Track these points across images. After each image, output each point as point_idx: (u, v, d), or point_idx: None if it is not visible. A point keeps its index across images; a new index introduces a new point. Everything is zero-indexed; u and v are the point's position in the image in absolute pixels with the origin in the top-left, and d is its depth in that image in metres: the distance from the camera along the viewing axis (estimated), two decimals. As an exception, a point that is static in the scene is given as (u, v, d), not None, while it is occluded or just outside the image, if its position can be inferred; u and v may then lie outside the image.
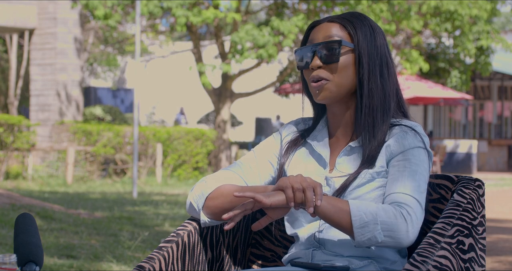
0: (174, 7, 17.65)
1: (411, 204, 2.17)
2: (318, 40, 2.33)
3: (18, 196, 9.84)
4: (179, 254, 2.34)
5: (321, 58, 2.30)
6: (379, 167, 2.28)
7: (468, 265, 2.26)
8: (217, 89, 19.88)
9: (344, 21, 2.34)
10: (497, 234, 8.81)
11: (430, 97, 21.66)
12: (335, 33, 2.32)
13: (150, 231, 7.87)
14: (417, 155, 2.26)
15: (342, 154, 2.34)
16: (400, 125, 2.31)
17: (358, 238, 2.13)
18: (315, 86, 2.31)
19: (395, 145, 2.28)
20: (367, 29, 2.33)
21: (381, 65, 2.33)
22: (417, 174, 2.24)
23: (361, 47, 2.31)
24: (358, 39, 2.32)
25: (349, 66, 2.31)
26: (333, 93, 2.31)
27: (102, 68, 31.84)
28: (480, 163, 26.21)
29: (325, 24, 2.35)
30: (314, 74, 2.31)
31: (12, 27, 19.37)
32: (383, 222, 2.13)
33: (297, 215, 2.37)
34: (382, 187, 2.28)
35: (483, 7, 19.44)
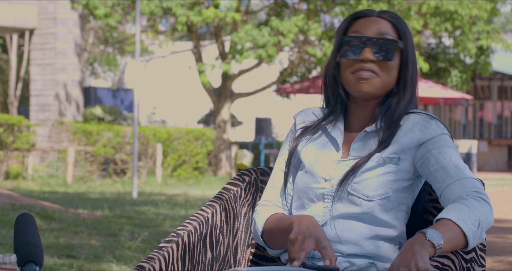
0: (174, 7, 17.65)
1: (480, 185, 2.23)
2: (369, 33, 2.33)
3: (18, 196, 9.84)
4: (179, 254, 2.34)
5: (375, 53, 2.31)
6: (392, 152, 2.29)
7: (469, 265, 2.26)
8: (217, 89, 19.88)
9: (394, 20, 2.35)
10: (497, 234, 8.81)
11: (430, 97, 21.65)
12: (388, 31, 2.34)
13: (150, 231, 7.87)
14: (449, 140, 2.32)
15: (357, 139, 2.35)
16: (418, 113, 2.33)
17: (471, 246, 2.15)
18: (363, 76, 2.31)
19: (420, 133, 2.30)
20: (409, 34, 2.37)
21: (415, 67, 2.38)
22: (459, 157, 2.29)
23: (409, 50, 2.35)
24: (407, 41, 2.35)
25: (396, 67, 2.34)
26: (376, 90, 2.33)
27: (102, 68, 31.84)
28: (480, 163, 26.21)
29: (376, 18, 2.35)
30: (364, 66, 2.31)
31: (12, 27, 19.36)
32: (484, 221, 2.16)
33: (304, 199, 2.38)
34: (393, 173, 2.28)
35: (483, 7, 19.43)
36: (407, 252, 2.04)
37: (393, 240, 2.31)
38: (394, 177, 2.28)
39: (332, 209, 2.31)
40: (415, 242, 2.06)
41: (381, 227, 2.29)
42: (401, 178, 2.29)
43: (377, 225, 2.29)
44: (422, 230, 2.08)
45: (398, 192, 2.29)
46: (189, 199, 12.46)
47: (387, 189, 2.27)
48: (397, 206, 2.30)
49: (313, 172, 2.35)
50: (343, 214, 2.30)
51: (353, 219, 2.29)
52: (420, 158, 2.28)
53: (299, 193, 2.39)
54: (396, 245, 2.32)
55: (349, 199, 2.29)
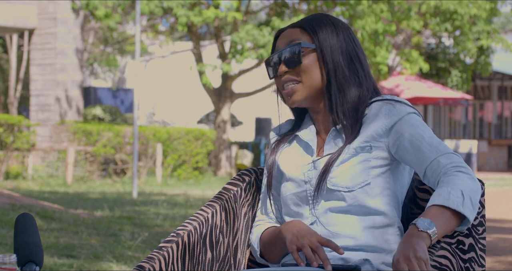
0: (175, 7, 17.65)
1: (458, 158, 2.24)
2: (282, 46, 2.39)
3: (18, 196, 9.84)
4: (179, 254, 2.34)
5: (286, 63, 2.36)
6: (362, 141, 2.30)
7: (468, 265, 2.26)
8: (217, 89, 19.88)
9: (304, 23, 2.39)
10: (497, 234, 8.81)
11: (430, 97, 21.67)
12: (296, 37, 2.38)
13: (150, 231, 7.87)
14: (416, 119, 2.30)
15: (328, 138, 2.37)
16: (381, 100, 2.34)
17: (469, 216, 2.14)
18: (286, 93, 2.37)
19: (386, 118, 2.31)
20: (327, 27, 2.38)
21: (349, 59, 2.37)
22: (430, 133, 2.29)
23: (322, 45, 2.35)
24: (318, 38, 2.36)
25: (314, 65, 2.35)
26: (304, 95, 2.36)
27: (102, 68, 31.84)
28: (480, 163, 26.21)
29: (287, 30, 2.42)
30: (284, 79, 2.37)
31: (12, 27, 19.36)
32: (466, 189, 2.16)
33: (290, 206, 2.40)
34: (367, 161, 2.29)
35: (482, 7, 19.44)
36: (405, 246, 2.07)
37: (389, 226, 2.31)
38: (370, 164, 2.30)
39: (318, 208, 2.33)
40: (409, 236, 2.08)
41: (371, 216, 2.30)
42: (378, 164, 2.31)
43: (366, 214, 2.30)
44: (413, 222, 2.10)
45: (378, 178, 2.30)
46: (189, 199, 12.46)
47: (365, 176, 2.29)
48: (382, 191, 2.30)
49: (293, 177, 2.39)
50: (330, 210, 2.31)
51: (341, 213, 2.31)
52: (393, 143, 2.30)
53: (285, 201, 2.41)
54: (395, 231, 2.32)
55: (331, 194, 2.31)
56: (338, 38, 2.37)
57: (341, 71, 2.35)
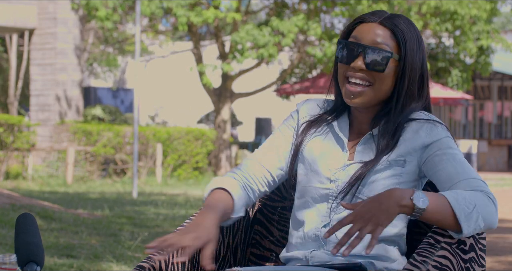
0: (175, 7, 17.65)
1: (485, 186, 2.21)
2: (365, 40, 2.29)
3: (18, 196, 9.84)
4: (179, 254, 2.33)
5: (367, 63, 2.27)
6: (398, 155, 2.28)
7: (468, 265, 2.26)
8: (217, 89, 19.88)
9: (396, 29, 2.29)
10: (497, 234, 8.81)
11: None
12: (384, 40, 2.29)
13: (150, 231, 7.87)
14: (453, 143, 2.28)
15: (362, 141, 2.33)
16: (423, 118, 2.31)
17: (465, 231, 2.12)
18: (351, 91, 2.29)
19: (426, 135, 2.28)
20: (414, 42, 2.31)
21: (421, 78, 2.33)
22: (463, 159, 2.26)
23: (407, 61, 2.29)
24: (406, 52, 2.29)
25: (390, 77, 2.29)
26: (369, 99, 2.30)
27: (102, 68, 31.83)
28: (480, 163, 26.21)
29: (375, 25, 2.31)
30: (354, 74, 2.29)
31: (12, 27, 19.36)
32: (481, 209, 2.14)
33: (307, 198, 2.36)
34: (398, 176, 2.28)
35: (483, 7, 19.43)
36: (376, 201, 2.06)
37: (392, 241, 2.31)
38: (400, 179, 2.28)
39: (336, 211, 2.31)
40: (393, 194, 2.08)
41: None
42: (407, 180, 2.29)
43: None
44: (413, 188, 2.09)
45: None
46: (189, 199, 12.46)
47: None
48: None
49: (318, 171, 2.34)
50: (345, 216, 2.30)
51: None
52: (425, 159, 2.28)
53: (303, 191, 2.37)
54: (395, 247, 2.32)
55: (353, 201, 2.29)
56: (419, 56, 2.32)
57: (411, 89, 2.31)
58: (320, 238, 2.32)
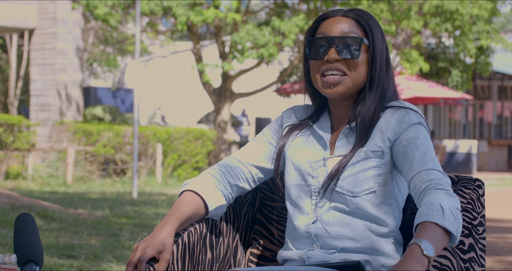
0: (175, 7, 17.65)
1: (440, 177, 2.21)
2: (333, 33, 2.33)
3: (18, 196, 9.83)
4: (179, 254, 2.34)
5: (339, 52, 2.32)
6: (375, 146, 2.30)
7: (468, 265, 2.26)
8: (217, 89, 19.88)
9: (360, 19, 2.36)
10: (497, 234, 8.81)
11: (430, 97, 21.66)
12: (352, 29, 2.34)
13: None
14: (422, 130, 2.30)
15: (341, 136, 2.36)
16: (396, 106, 2.34)
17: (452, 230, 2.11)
18: (329, 81, 2.32)
19: (397, 124, 2.30)
20: (377, 28, 2.38)
21: (386, 62, 2.38)
22: (427, 148, 2.27)
23: (375, 47, 2.35)
24: (373, 38, 2.35)
25: (364, 63, 2.34)
26: (348, 89, 2.33)
27: (102, 69, 31.83)
28: (480, 163, 26.20)
29: (339, 18, 2.36)
30: (330, 66, 2.32)
31: (12, 27, 19.36)
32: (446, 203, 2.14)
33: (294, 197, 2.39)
34: (377, 167, 2.30)
35: (484, 7, 19.43)
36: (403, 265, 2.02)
37: (386, 235, 2.31)
38: (379, 171, 2.29)
39: (320, 205, 2.32)
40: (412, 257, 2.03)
41: (371, 222, 2.30)
42: (386, 171, 2.31)
43: (367, 219, 2.30)
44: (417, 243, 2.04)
45: (384, 186, 2.30)
46: (189, 199, 12.44)
47: (372, 184, 2.29)
48: (385, 199, 2.30)
49: (301, 169, 2.38)
50: (332, 211, 2.32)
51: (342, 215, 2.31)
52: (393, 148, 2.30)
53: (289, 191, 2.41)
54: (391, 239, 2.32)
55: (336, 196, 2.31)
56: (383, 41, 2.38)
57: (382, 74, 2.36)
58: (312, 235, 2.33)
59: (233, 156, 2.47)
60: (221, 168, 2.44)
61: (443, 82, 22.79)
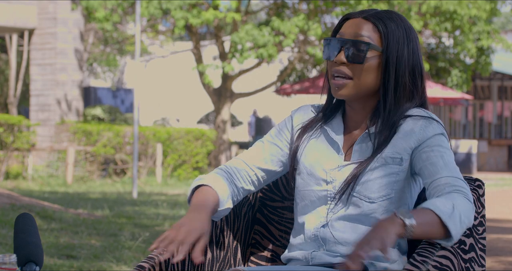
0: (173, 9, 17.64)
1: (465, 186, 2.20)
2: (348, 35, 2.30)
3: (18, 196, 9.83)
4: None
5: (347, 56, 2.28)
6: (393, 152, 2.27)
7: (468, 265, 2.25)
8: (217, 89, 19.88)
9: (378, 22, 2.30)
10: (497, 234, 8.81)
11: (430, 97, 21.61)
12: (365, 33, 2.29)
13: (150, 231, 7.87)
14: (445, 141, 2.28)
15: (359, 140, 2.33)
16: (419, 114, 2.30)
17: (453, 230, 2.11)
18: (335, 83, 2.30)
19: (420, 133, 2.27)
20: (400, 34, 2.30)
21: (408, 69, 2.31)
22: (451, 157, 2.26)
23: (390, 53, 2.28)
24: (388, 43, 2.29)
25: (374, 69, 2.29)
26: (352, 93, 2.30)
27: (102, 69, 31.83)
28: (480, 163, 26.20)
29: (358, 19, 2.32)
30: (337, 69, 2.30)
31: (12, 27, 19.36)
32: (460, 207, 2.13)
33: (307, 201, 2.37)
34: (395, 174, 2.28)
35: (482, 7, 19.43)
36: (374, 229, 2.04)
37: None
38: (397, 178, 2.28)
39: (334, 210, 2.31)
40: (384, 220, 2.06)
41: None
42: (403, 178, 2.29)
43: None
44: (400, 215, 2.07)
45: (400, 193, 2.29)
46: (189, 199, 12.44)
47: (389, 190, 2.27)
48: (399, 206, 2.30)
49: (315, 174, 2.35)
50: (344, 216, 2.30)
51: (354, 221, 2.30)
52: (415, 154, 2.28)
53: (302, 195, 2.38)
54: (395, 247, 2.32)
55: (352, 201, 2.29)
56: (408, 48, 2.30)
57: (401, 82, 2.29)
58: (319, 238, 2.32)
59: (240, 157, 2.44)
60: (229, 169, 2.42)
61: (443, 82, 22.79)
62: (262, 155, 2.43)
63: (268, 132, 2.48)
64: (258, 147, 2.45)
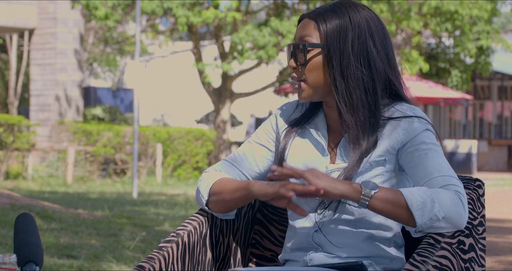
0: (175, 7, 17.65)
1: (457, 183, 2.17)
2: (296, 38, 2.31)
3: (18, 196, 9.83)
4: (179, 254, 2.34)
5: (294, 59, 2.29)
6: (378, 155, 2.25)
7: (468, 265, 2.25)
8: (217, 89, 19.88)
9: (319, 18, 2.27)
10: (497, 234, 8.81)
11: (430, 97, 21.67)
12: (308, 32, 2.27)
13: (150, 231, 7.87)
14: (429, 136, 2.24)
15: (343, 142, 2.32)
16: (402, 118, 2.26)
17: (419, 220, 2.10)
18: (294, 88, 2.32)
19: (403, 133, 2.24)
20: (342, 23, 2.25)
21: (359, 59, 2.25)
22: (439, 153, 2.23)
23: (330, 46, 2.24)
24: (326, 37, 2.25)
25: (319, 66, 2.26)
26: (310, 94, 2.29)
27: (102, 68, 31.84)
28: (480, 163, 26.21)
29: (305, 20, 2.30)
30: (292, 75, 2.31)
31: (12, 27, 19.36)
32: (441, 201, 2.11)
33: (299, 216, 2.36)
34: (380, 175, 2.26)
35: (484, 7, 19.43)
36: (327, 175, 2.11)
37: (389, 239, 2.31)
38: (382, 179, 2.26)
39: (324, 215, 2.30)
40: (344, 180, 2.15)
41: (375, 230, 2.29)
42: (388, 177, 2.27)
43: (371, 228, 2.29)
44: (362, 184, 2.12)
45: None
46: (189, 199, 12.46)
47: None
48: None
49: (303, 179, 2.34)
50: (335, 221, 2.29)
51: (346, 225, 2.29)
52: (402, 154, 2.25)
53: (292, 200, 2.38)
54: (392, 244, 2.31)
55: (341, 206, 2.28)
56: (351, 36, 2.24)
57: (349, 73, 2.24)
58: (314, 244, 2.32)
59: (227, 159, 2.43)
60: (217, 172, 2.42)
61: (443, 83, 22.80)
62: (250, 156, 2.42)
63: (254, 133, 2.46)
64: (245, 147, 2.43)
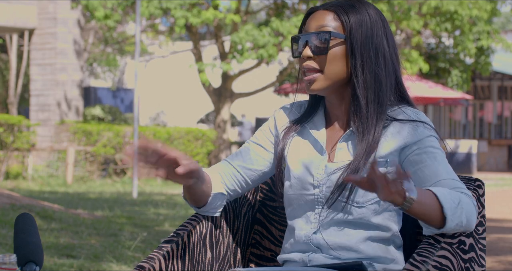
0: (173, 8, 17.64)
1: (462, 185, 2.19)
2: (311, 29, 2.28)
3: (18, 196, 9.83)
4: (179, 254, 2.34)
5: (312, 49, 2.27)
6: (380, 156, 2.25)
7: (468, 265, 2.25)
8: (217, 89, 19.88)
9: (339, 10, 2.27)
10: (497, 234, 8.81)
11: (430, 97, 21.67)
12: (327, 23, 2.27)
13: (150, 231, 7.87)
14: (435, 142, 2.25)
15: (342, 139, 2.31)
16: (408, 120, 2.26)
17: (449, 224, 2.11)
18: (306, 79, 2.29)
19: (408, 136, 2.24)
20: (363, 18, 2.26)
21: (377, 55, 2.27)
22: (444, 159, 2.24)
23: (353, 38, 2.25)
24: (350, 29, 2.25)
25: (341, 57, 2.26)
26: (323, 86, 2.28)
27: (102, 69, 31.83)
28: (480, 163, 26.20)
29: (319, 12, 2.29)
30: (306, 64, 2.28)
31: (12, 27, 19.36)
32: (465, 206, 2.13)
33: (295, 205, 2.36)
34: None
35: (483, 8, 19.43)
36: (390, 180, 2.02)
37: (387, 240, 2.30)
38: None
39: (323, 216, 2.30)
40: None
41: (374, 230, 2.28)
42: None
43: (370, 229, 2.28)
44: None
45: None
46: (189, 199, 12.44)
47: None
48: (387, 206, 2.28)
49: (301, 178, 2.32)
50: (334, 221, 2.29)
51: (345, 225, 2.28)
52: (405, 157, 2.24)
53: (289, 199, 2.37)
54: (391, 244, 2.31)
55: (340, 206, 2.27)
56: (372, 31, 2.26)
57: (368, 67, 2.25)
58: (313, 245, 2.31)
59: (227, 160, 2.44)
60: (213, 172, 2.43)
61: (443, 83, 22.79)
62: (248, 156, 2.42)
63: (254, 135, 2.47)
64: (244, 148, 2.44)
